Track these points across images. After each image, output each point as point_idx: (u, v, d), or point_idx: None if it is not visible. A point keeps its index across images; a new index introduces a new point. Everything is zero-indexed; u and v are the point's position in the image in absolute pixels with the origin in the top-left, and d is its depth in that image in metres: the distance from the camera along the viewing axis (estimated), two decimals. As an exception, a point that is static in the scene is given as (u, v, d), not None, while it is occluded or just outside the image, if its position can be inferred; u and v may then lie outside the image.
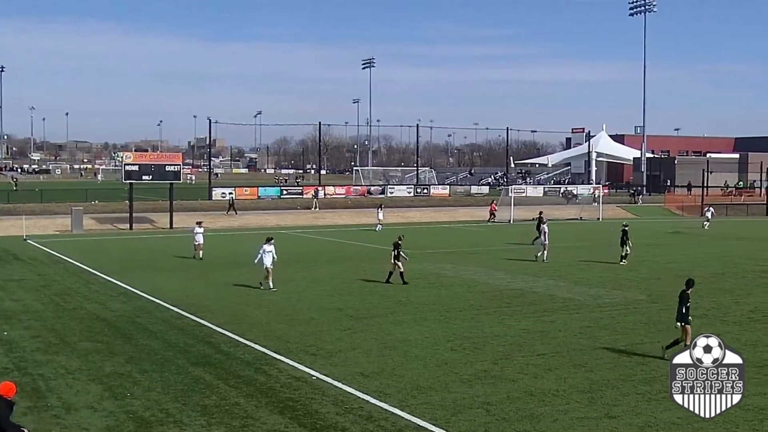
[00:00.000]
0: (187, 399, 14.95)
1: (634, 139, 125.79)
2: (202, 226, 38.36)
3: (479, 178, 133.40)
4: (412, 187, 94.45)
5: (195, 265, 34.81)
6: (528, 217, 65.84)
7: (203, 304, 24.90)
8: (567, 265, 35.41)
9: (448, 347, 19.22)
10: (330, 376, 16.43)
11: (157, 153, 77.68)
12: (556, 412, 14.10)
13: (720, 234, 52.80)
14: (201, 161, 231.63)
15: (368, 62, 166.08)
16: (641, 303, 25.56)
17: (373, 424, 13.54)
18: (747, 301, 25.93)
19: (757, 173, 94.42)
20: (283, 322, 22.27)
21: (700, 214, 73.12)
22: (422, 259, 37.17)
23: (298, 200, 77.51)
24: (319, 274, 32.18)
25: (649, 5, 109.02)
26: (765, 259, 37.60)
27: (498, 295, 26.84)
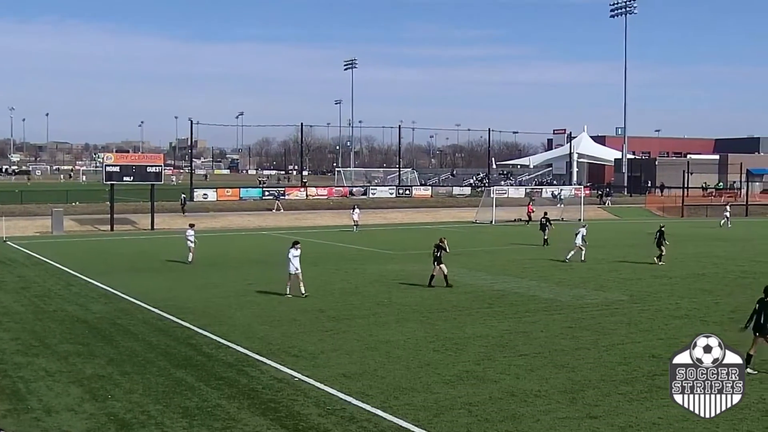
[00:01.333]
0: (168, 401, 14.88)
1: (615, 141, 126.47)
2: (194, 228, 37.39)
3: (461, 179, 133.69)
4: (394, 188, 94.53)
5: (176, 267, 34.68)
6: (510, 218, 66.17)
7: (185, 306, 24.80)
8: (549, 265, 35.52)
9: (430, 348, 19.23)
10: (312, 378, 16.40)
11: (138, 154, 77.48)
12: (538, 413, 14.13)
13: (700, 234, 53.13)
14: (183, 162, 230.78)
15: (350, 63, 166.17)
16: (623, 303, 25.67)
17: (355, 425, 13.53)
18: (727, 302, 26.09)
19: (736, 174, 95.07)
20: (265, 323, 22.22)
21: (681, 215, 73.72)
22: (404, 260, 37.20)
23: (281, 201, 77.30)
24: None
25: (629, 7, 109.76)
26: (745, 260, 37.86)
27: (480, 296, 26.88)
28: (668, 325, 22.12)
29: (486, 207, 66.75)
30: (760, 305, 17.25)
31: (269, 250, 42.66)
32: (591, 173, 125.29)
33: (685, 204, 77.28)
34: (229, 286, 29.23)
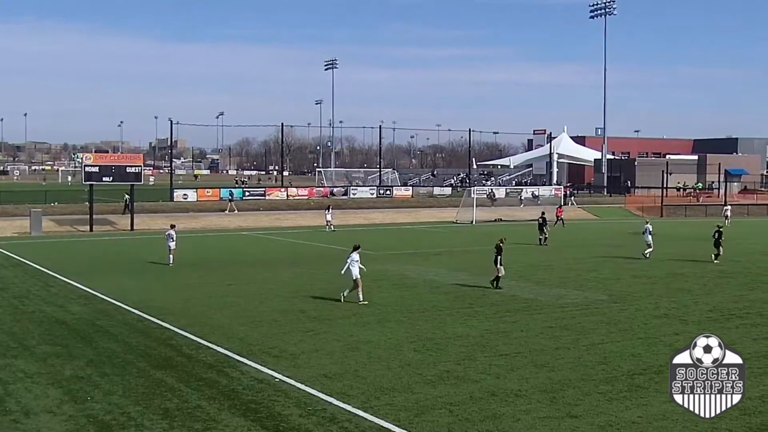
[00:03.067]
0: (148, 402, 14.82)
1: (594, 141, 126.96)
2: (175, 229, 36.82)
3: (442, 179, 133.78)
4: (374, 188, 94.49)
5: (156, 268, 34.52)
6: (491, 218, 66.36)
7: (165, 307, 24.70)
8: (529, 265, 35.62)
9: (411, 348, 19.24)
10: (293, 378, 16.37)
11: (117, 154, 77.06)
12: (519, 412, 14.17)
13: (678, 234, 53.45)
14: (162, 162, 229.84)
15: (331, 63, 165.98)
16: (602, 303, 25.78)
17: (336, 425, 13.52)
18: (706, 301, 26.26)
19: (715, 174, 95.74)
20: (246, 324, 22.16)
21: (660, 215, 74.12)
22: (385, 261, 37.21)
23: (261, 202, 77.21)
24: (281, 276, 32.07)
25: (609, 8, 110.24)
26: (723, 259, 38.07)
27: (461, 296, 26.92)
28: (647, 325, 22.24)
29: (466, 207, 66.87)
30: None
31: (249, 251, 42.60)
32: (571, 173, 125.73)
33: (664, 204, 77.76)
34: (209, 286, 29.14)
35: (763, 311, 24.42)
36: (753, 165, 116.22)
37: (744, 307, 25.09)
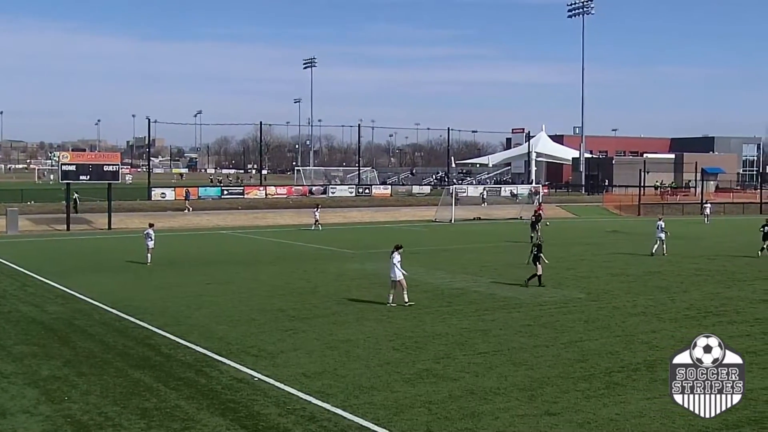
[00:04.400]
0: (126, 402, 14.74)
1: (573, 140, 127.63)
2: (153, 228, 36.55)
3: (421, 178, 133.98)
4: (353, 187, 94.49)
5: (134, 267, 34.34)
6: (469, 216, 66.49)
7: (143, 306, 24.58)
8: (507, 264, 35.71)
9: (390, 347, 19.26)
10: (272, 377, 16.34)
11: (94, 153, 76.41)
12: (497, 410, 14.21)
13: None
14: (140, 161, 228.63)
15: (310, 62, 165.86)
16: (580, 301, 25.89)
17: (315, 424, 13.50)
18: (683, 299, 26.43)
19: (692, 173, 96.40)
20: (224, 323, 22.09)
21: (638, 214, 74.57)
22: (364, 259, 37.21)
23: (240, 201, 77.01)
24: (260, 275, 32.00)
25: (587, 8, 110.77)
26: (700, 257, 38.39)
27: (439, 295, 26.97)
28: (625, 323, 22.35)
29: (445, 206, 66.97)
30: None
31: (228, 250, 42.48)
32: (549, 172, 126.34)
33: (641, 203, 78.19)
34: (187, 286, 29.04)
35: (739, 309, 24.62)
36: (729, 164, 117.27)
37: (720, 305, 25.27)
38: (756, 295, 27.31)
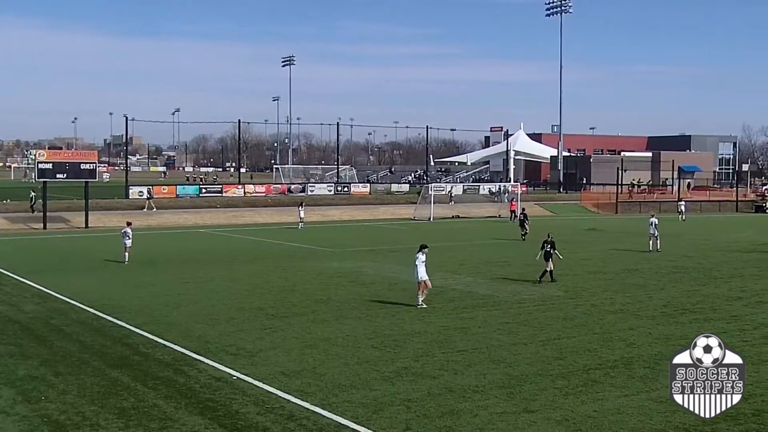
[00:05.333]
0: (104, 402, 14.66)
1: (551, 138, 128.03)
2: (131, 226, 36.12)
3: (400, 176, 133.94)
4: (332, 185, 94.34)
5: (112, 266, 34.15)
6: (448, 215, 66.61)
7: (120, 305, 24.45)
8: (485, 262, 35.84)
9: (369, 345, 19.26)
10: (251, 376, 16.31)
11: (71, 151, 75.86)
12: (476, 408, 14.24)
13: (632, 230, 54.03)
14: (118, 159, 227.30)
15: (288, 60, 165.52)
16: (558, 299, 26.00)
17: (294, 423, 13.49)
18: (660, 296, 26.61)
19: (668, 171, 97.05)
20: (203, 322, 22.02)
21: (615, 212, 75.01)
22: (343, 258, 37.21)
23: (218, 199, 76.77)
24: (238, 273, 31.91)
25: (565, 6, 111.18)
26: (676, 255, 38.65)
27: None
28: (603, 320, 22.48)
29: (424, 204, 67.05)
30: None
31: (206, 249, 42.33)
32: (528, 170, 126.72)
33: (619, 201, 78.63)
34: (165, 284, 28.92)
35: (715, 306, 24.81)
36: (706, 162, 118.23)
37: (697, 302, 25.46)
38: (732, 292, 27.53)
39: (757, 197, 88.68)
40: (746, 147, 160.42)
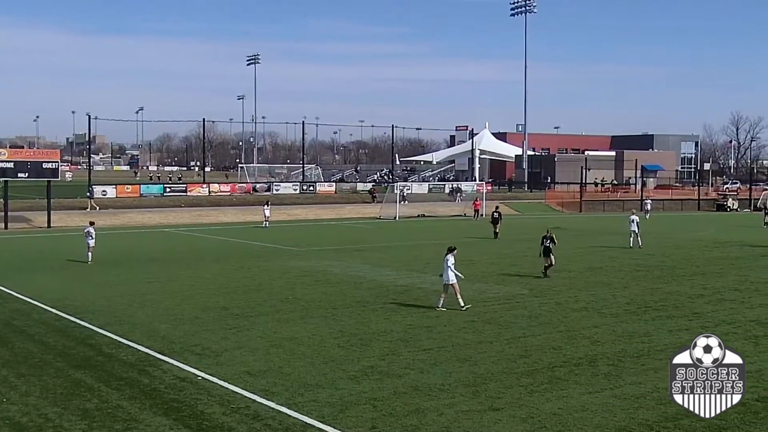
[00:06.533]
0: (67, 403, 14.52)
1: (515, 137, 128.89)
2: (94, 226, 35.82)
3: (365, 175, 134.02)
4: (298, 184, 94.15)
5: (75, 266, 33.82)
6: (414, 213, 66.71)
7: (83, 305, 24.22)
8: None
9: (335, 344, 19.25)
10: (216, 376, 16.23)
11: (33, 150, 75.05)
12: (442, 406, 14.28)
13: (596, 229, 54.52)
14: (80, 158, 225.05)
15: (253, 58, 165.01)
16: (523, 297, 26.14)
17: (259, 423, 13.45)
18: (623, 294, 26.84)
19: (632, 170, 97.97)
20: (167, 321, 21.87)
21: (579, 210, 75.57)
22: (308, 257, 37.15)
23: (182, 198, 76.31)
24: (203, 273, 31.74)
25: (529, 6, 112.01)
26: (639, 253, 39.02)
27: (384, 292, 27.02)
28: (567, 318, 22.64)
29: (390, 203, 67.12)
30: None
31: (171, 248, 42.06)
32: (493, 169, 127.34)
33: (583, 199, 79.24)
34: (129, 284, 28.68)
35: (677, 303, 25.08)
36: (668, 161, 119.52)
37: (660, 300, 25.72)
38: (694, 290, 27.85)
39: (718, 196, 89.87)
40: (707, 146, 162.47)
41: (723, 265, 35.17)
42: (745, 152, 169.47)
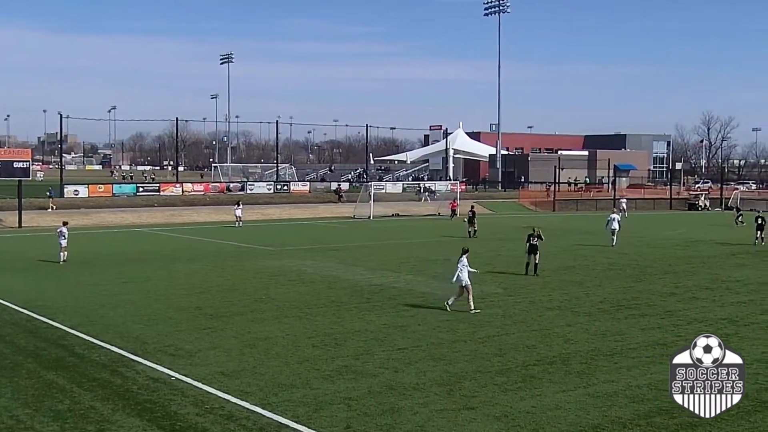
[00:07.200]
0: (39, 404, 14.40)
1: (489, 137, 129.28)
2: (67, 226, 35.56)
3: (339, 174, 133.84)
4: (272, 183, 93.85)
5: (47, 266, 33.54)
6: (387, 213, 66.73)
7: (56, 306, 24.02)
8: (425, 260, 35.99)
9: (309, 344, 19.22)
10: (190, 376, 16.16)
11: (4, 149, 74.42)
12: (416, 405, 14.30)
13: (569, 228, 54.79)
14: (52, 157, 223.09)
15: (226, 57, 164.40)
16: (497, 296, 26.22)
17: (234, 423, 13.40)
18: (596, 293, 27.01)
19: (604, 170, 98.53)
20: (140, 322, 21.74)
21: (552, 209, 75.90)
22: (282, 256, 37.06)
23: (155, 198, 75.89)
24: (177, 273, 31.58)
25: (503, 6, 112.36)
26: (612, 252, 39.27)
27: (359, 291, 27.01)
28: (541, 317, 22.75)
29: (364, 202, 67.09)
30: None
31: (144, 248, 41.80)
32: (467, 169, 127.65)
33: (556, 199, 79.62)
34: (102, 284, 28.47)
35: (650, 302, 25.27)
36: (640, 161, 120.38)
37: (632, 298, 25.91)
38: (666, 288, 28.07)
39: (690, 195, 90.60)
40: (679, 146, 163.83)
41: (695, 263, 35.48)
42: (716, 152, 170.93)
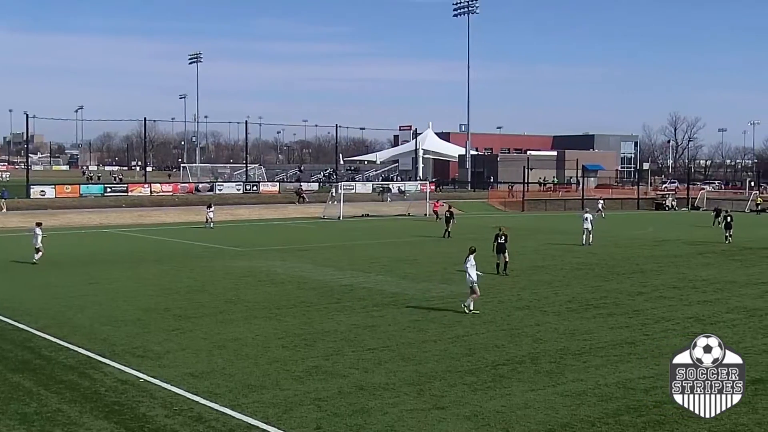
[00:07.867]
0: (4, 408, 14.23)
1: (459, 137, 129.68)
2: (41, 227, 35.09)
3: (309, 174, 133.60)
4: (241, 184, 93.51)
5: (12, 267, 33.17)
6: (357, 213, 66.74)
7: (22, 307, 23.76)
8: (395, 260, 36.03)
9: (279, 345, 19.17)
10: (158, 378, 16.05)
11: (-31, 149, 73.59)
12: (386, 405, 14.31)
13: (539, 228, 55.09)
14: (18, 158, 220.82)
15: (195, 57, 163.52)
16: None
17: (203, 425, 13.33)
18: (565, 292, 27.17)
19: (573, 170, 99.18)
20: (108, 323, 21.56)
21: (522, 209, 76.24)
22: (252, 257, 36.94)
23: (123, 198, 75.36)
24: (145, 274, 31.36)
25: (472, 7, 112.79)
26: (581, 252, 39.54)
27: (328, 292, 26.98)
28: (510, 316, 22.84)
29: (333, 203, 67.04)
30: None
31: (112, 249, 41.49)
32: (436, 169, 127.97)
33: (525, 199, 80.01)
34: (70, 286, 28.22)
35: (618, 301, 25.46)
36: (608, 161, 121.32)
37: (600, 298, 26.10)
38: (634, 287, 28.30)
39: (657, 195, 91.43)
40: (647, 146, 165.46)
41: (662, 263, 35.80)
42: (683, 152, 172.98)
